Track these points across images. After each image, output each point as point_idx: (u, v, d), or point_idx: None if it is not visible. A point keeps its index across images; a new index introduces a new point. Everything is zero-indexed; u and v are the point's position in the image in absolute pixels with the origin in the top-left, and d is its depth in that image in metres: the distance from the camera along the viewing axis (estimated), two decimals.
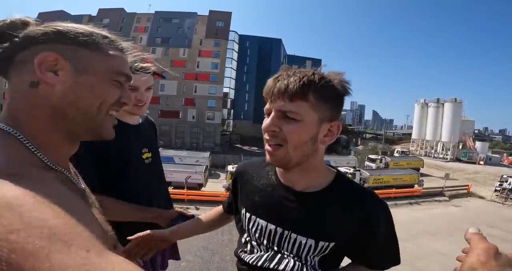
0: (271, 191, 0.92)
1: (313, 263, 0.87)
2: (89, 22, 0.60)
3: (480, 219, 17.74)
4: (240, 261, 0.97)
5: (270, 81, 0.82)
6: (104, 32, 0.60)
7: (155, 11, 48.97)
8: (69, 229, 0.37)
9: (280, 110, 0.78)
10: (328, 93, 0.79)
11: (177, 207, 1.54)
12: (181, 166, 22.16)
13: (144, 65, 1.29)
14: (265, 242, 0.90)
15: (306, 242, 0.84)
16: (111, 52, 0.59)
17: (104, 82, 0.58)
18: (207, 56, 45.14)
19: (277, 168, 0.94)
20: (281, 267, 0.86)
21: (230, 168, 23.01)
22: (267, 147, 0.83)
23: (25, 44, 0.54)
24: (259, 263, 0.89)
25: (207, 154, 28.26)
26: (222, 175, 26.30)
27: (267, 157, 0.85)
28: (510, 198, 22.25)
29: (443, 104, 47.92)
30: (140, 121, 1.49)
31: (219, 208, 1.20)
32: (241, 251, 0.98)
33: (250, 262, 0.92)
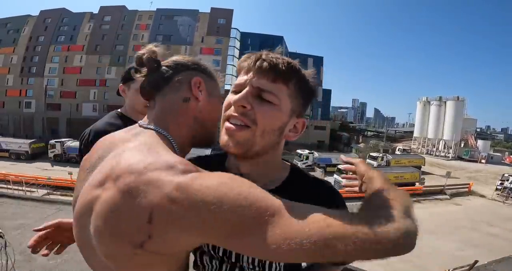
0: None
1: None
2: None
3: (481, 218, 17.69)
4: None
5: (248, 56, 0.75)
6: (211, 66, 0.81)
7: (157, 9, 49.03)
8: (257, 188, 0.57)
9: (259, 88, 0.70)
10: (306, 87, 0.76)
11: None
12: None
13: None
14: (220, 253, 0.77)
15: None
16: (218, 81, 0.81)
17: (220, 103, 0.77)
18: (209, 53, 45.18)
19: (228, 165, 0.82)
20: None
21: None
22: (228, 124, 0.71)
23: (179, 69, 0.73)
24: None
25: (209, 151, 28.13)
26: None
27: (223, 139, 0.72)
28: (511, 197, 22.25)
29: (445, 102, 47.72)
30: None
31: None
32: (194, 266, 0.83)
33: None
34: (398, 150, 45.93)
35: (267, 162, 0.78)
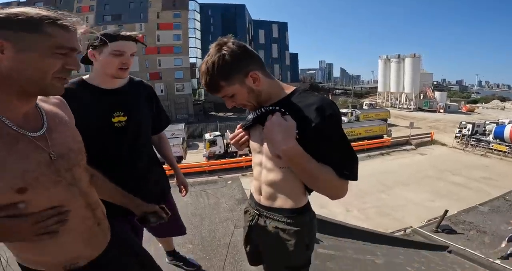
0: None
1: None
2: (19, 5, 0.72)
3: (445, 166, 19.09)
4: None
5: None
6: (46, 13, 0.73)
7: None
8: None
9: (222, 97, 1.10)
10: (225, 70, 1.02)
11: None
12: None
13: (129, 33, 1.43)
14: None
15: None
16: (50, 31, 0.72)
17: (45, 56, 0.73)
18: (167, 28, 41.56)
19: None
20: None
21: (208, 136, 22.84)
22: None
23: None
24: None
25: (182, 126, 27.38)
26: (201, 145, 26.17)
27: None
28: (470, 144, 24.03)
29: (403, 59, 50.16)
30: (121, 85, 1.54)
31: None
32: None
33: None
34: (365, 105, 47.67)
35: (266, 98, 1.12)
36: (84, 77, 1.50)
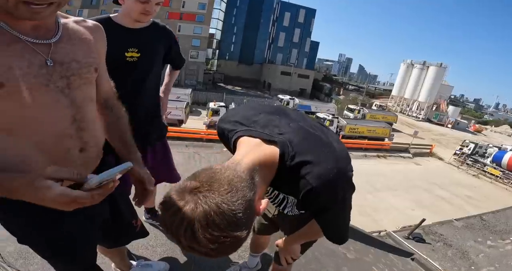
0: None
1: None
2: None
3: (434, 179, 19.24)
4: None
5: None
6: None
7: None
8: None
9: None
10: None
11: None
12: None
13: None
14: None
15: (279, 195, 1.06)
16: None
17: None
18: None
19: None
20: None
21: (212, 105, 22.82)
22: None
23: None
24: None
25: (188, 91, 27.38)
26: (203, 113, 26.17)
27: None
28: (466, 163, 24.01)
29: (428, 67, 48.67)
30: (143, 27, 1.64)
31: None
32: None
33: None
34: (375, 106, 46.97)
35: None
36: (111, 15, 1.61)
